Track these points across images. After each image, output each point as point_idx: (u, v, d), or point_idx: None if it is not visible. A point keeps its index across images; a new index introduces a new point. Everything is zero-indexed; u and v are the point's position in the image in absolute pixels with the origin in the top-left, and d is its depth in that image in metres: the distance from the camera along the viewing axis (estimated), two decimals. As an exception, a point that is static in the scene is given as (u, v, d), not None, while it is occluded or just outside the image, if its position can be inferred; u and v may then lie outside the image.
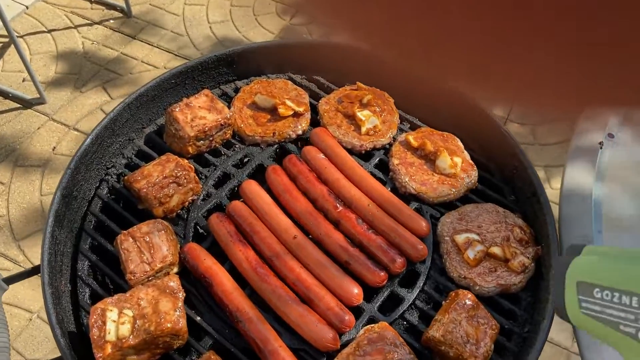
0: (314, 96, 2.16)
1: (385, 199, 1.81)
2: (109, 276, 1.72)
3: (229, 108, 2.04)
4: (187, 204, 1.85)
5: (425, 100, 1.91)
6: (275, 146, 2.02)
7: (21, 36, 4.58)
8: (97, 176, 1.93)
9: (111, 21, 4.78)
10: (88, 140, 1.85)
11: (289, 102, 2.03)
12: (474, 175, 1.91)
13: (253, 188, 1.83)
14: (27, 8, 4.76)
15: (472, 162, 1.95)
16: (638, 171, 1.90)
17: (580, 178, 1.85)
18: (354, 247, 1.70)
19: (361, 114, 2.01)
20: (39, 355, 3.07)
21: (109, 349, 1.45)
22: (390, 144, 2.01)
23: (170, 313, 1.52)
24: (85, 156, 1.85)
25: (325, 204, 1.80)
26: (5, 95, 4.18)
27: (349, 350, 1.48)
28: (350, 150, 1.98)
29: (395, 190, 1.90)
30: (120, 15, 4.81)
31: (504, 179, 1.97)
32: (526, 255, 1.71)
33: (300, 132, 2.03)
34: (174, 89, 2.11)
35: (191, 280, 1.69)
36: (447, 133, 2.02)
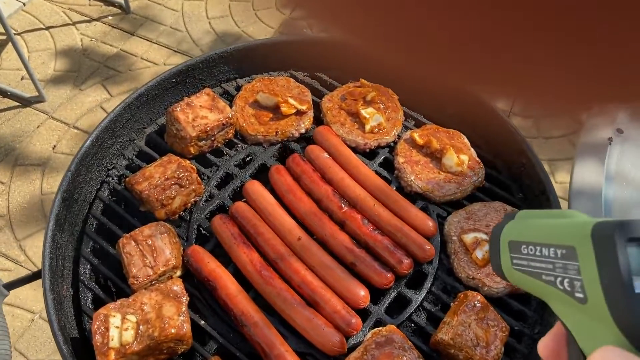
0: (317, 94, 2.12)
1: (390, 199, 1.78)
2: (112, 280, 1.69)
3: (230, 107, 2.00)
4: (190, 205, 1.82)
5: (430, 96, 1.88)
6: (278, 145, 1.98)
7: (19, 33, 4.53)
8: (98, 178, 1.90)
9: (109, 17, 4.73)
10: (88, 141, 1.82)
11: (291, 100, 1.99)
12: (481, 173, 1.88)
13: (256, 188, 1.80)
14: (25, 5, 4.73)
15: (479, 160, 1.91)
16: (648, 167, 1.87)
17: (590, 175, 1.81)
18: (359, 248, 1.67)
19: (365, 112, 1.97)
20: (42, 356, 3.05)
21: (113, 356, 1.42)
22: (395, 142, 1.98)
23: (174, 318, 1.49)
24: (85, 158, 1.81)
25: (330, 204, 1.77)
26: (3, 93, 4.14)
27: (357, 354, 1.45)
28: (355, 149, 1.94)
29: (401, 189, 1.87)
30: (119, 11, 4.76)
31: (511, 176, 1.94)
32: (535, 254, 1.67)
33: (303, 131, 1.99)
34: (175, 88, 2.07)
35: (195, 283, 1.66)
36: (453, 130, 1.98)
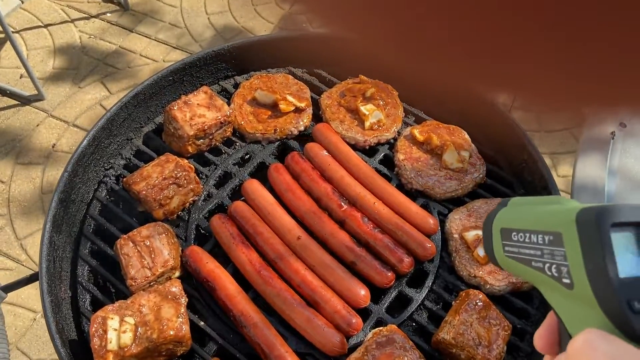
0: (316, 90, 2.09)
1: (391, 196, 1.76)
2: (110, 281, 1.68)
3: (228, 105, 1.98)
4: (188, 205, 1.81)
5: (430, 92, 1.86)
6: (277, 143, 1.96)
7: (17, 31, 4.51)
8: (96, 178, 1.88)
9: (108, 14, 4.70)
10: (85, 142, 1.80)
11: (290, 98, 1.97)
12: (482, 169, 1.86)
13: (255, 187, 1.78)
14: (23, 2, 4.70)
15: (480, 156, 1.89)
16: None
17: (592, 170, 1.79)
18: (360, 247, 1.65)
19: (364, 108, 1.95)
20: (44, 355, 3.05)
21: (111, 359, 1.41)
22: (395, 139, 1.96)
23: (173, 320, 1.48)
24: (82, 158, 1.80)
25: (330, 203, 1.75)
26: (3, 92, 4.13)
27: (357, 355, 1.44)
28: (354, 146, 1.92)
29: (401, 187, 1.85)
30: (117, 8, 4.73)
31: (513, 172, 1.92)
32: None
33: (302, 128, 1.97)
34: (172, 86, 2.05)
35: (194, 284, 1.65)
36: (454, 126, 1.96)
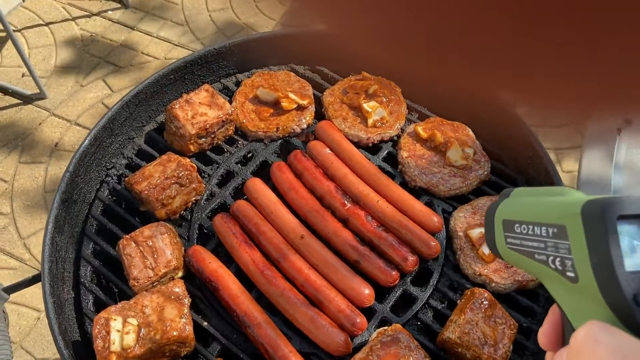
0: (318, 88, 2.08)
1: (394, 194, 1.75)
2: (113, 282, 1.67)
3: (230, 103, 1.96)
4: (191, 204, 1.79)
5: (433, 89, 1.84)
6: (280, 141, 1.95)
7: (18, 30, 4.50)
8: (97, 178, 1.87)
9: (109, 12, 4.69)
10: (86, 141, 1.79)
11: (292, 95, 1.96)
12: (487, 166, 1.84)
13: (258, 186, 1.77)
14: (24, 1, 4.69)
15: (484, 153, 1.87)
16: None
17: (598, 166, 1.77)
18: (363, 246, 1.64)
19: (367, 106, 1.93)
20: (48, 354, 3.05)
21: (114, 360, 1.41)
22: (399, 136, 1.94)
23: (176, 320, 1.47)
24: (83, 158, 1.79)
25: (333, 201, 1.73)
26: (5, 91, 4.12)
27: (362, 354, 1.42)
28: (357, 144, 1.91)
29: (405, 184, 1.83)
30: (119, 5, 4.72)
31: (518, 169, 1.90)
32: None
33: (304, 126, 1.96)
34: (173, 85, 2.04)
35: (197, 284, 1.64)
36: (458, 122, 1.94)
